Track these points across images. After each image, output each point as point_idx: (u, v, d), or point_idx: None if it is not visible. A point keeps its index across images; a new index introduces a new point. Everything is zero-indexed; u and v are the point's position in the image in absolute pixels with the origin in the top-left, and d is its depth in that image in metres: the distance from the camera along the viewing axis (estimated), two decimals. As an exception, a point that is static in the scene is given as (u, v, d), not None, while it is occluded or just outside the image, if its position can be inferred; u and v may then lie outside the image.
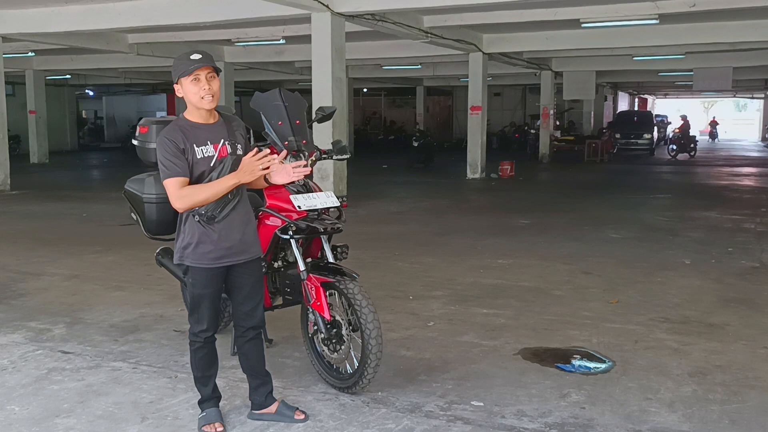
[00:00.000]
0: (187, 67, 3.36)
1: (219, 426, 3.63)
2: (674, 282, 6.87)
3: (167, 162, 3.36)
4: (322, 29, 11.98)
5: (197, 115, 3.47)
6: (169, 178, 3.36)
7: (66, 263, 7.75)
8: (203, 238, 3.47)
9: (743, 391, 4.18)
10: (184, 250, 3.52)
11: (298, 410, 3.79)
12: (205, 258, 3.50)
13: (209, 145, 3.45)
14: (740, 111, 66.26)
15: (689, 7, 12.41)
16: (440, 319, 5.62)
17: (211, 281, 3.55)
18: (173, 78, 3.43)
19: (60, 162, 24.19)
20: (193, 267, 3.52)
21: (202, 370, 3.70)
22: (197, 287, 3.56)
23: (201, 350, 3.66)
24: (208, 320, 3.61)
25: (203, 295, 3.56)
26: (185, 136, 3.40)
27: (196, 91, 3.38)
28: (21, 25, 14.54)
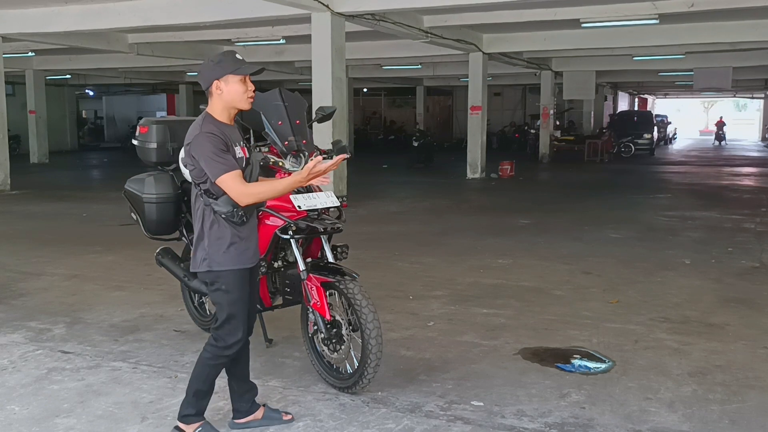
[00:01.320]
0: (239, 66, 3.33)
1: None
2: (674, 282, 6.87)
3: (218, 158, 3.21)
4: (322, 29, 11.98)
5: (225, 116, 3.38)
6: (226, 173, 3.21)
7: (66, 263, 7.75)
8: (235, 239, 3.37)
9: (743, 391, 4.18)
10: (214, 255, 3.35)
11: (285, 413, 3.76)
12: (241, 258, 3.40)
13: (238, 146, 3.41)
14: (740, 111, 66.28)
15: (689, 7, 12.41)
16: (440, 319, 5.62)
17: (243, 283, 3.44)
18: (217, 74, 3.32)
19: (60, 162, 24.19)
20: (228, 271, 3.36)
21: (211, 384, 3.54)
22: (234, 292, 3.39)
23: (224, 365, 3.52)
24: (245, 327, 3.48)
25: (240, 299, 3.42)
26: (224, 133, 3.32)
27: (244, 91, 3.34)
28: (21, 25, 14.54)
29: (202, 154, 3.24)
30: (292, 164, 4.24)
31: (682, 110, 64.77)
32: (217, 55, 3.42)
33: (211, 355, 3.48)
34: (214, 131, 3.27)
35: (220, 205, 3.32)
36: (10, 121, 16.26)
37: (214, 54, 3.45)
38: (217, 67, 3.33)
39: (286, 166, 4.23)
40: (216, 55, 3.41)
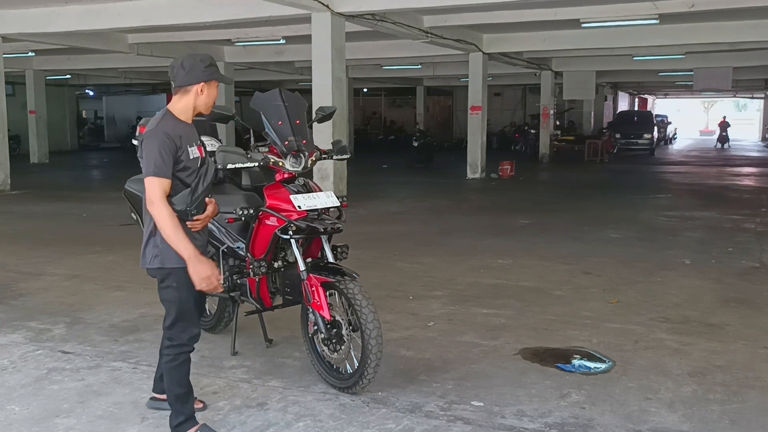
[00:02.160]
0: (222, 75, 3.47)
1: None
2: (674, 282, 6.87)
3: (159, 160, 3.25)
4: (322, 29, 11.98)
5: (186, 115, 3.45)
6: (157, 177, 3.25)
7: (66, 263, 7.76)
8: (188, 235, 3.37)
9: (743, 391, 4.18)
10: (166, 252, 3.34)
11: (197, 400, 3.79)
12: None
13: (195, 146, 3.45)
14: (740, 111, 66.27)
15: (689, 7, 12.41)
16: (440, 319, 5.62)
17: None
18: (205, 77, 3.38)
19: (60, 162, 24.19)
20: (179, 268, 3.34)
21: (188, 385, 3.55)
22: (184, 290, 3.39)
23: (186, 363, 3.53)
24: (198, 322, 3.56)
25: (190, 297, 3.44)
26: (179, 133, 3.35)
27: (215, 97, 3.47)
28: (21, 25, 14.54)
29: (149, 150, 3.27)
30: (292, 164, 4.24)
31: (682, 110, 64.76)
32: (205, 56, 3.46)
33: (172, 357, 3.49)
34: (169, 133, 3.30)
35: (174, 203, 3.32)
36: (10, 121, 16.25)
37: (200, 55, 3.47)
38: (207, 70, 3.40)
39: (286, 166, 4.24)
40: (204, 57, 3.45)
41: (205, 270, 3.29)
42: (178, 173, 3.34)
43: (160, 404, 3.82)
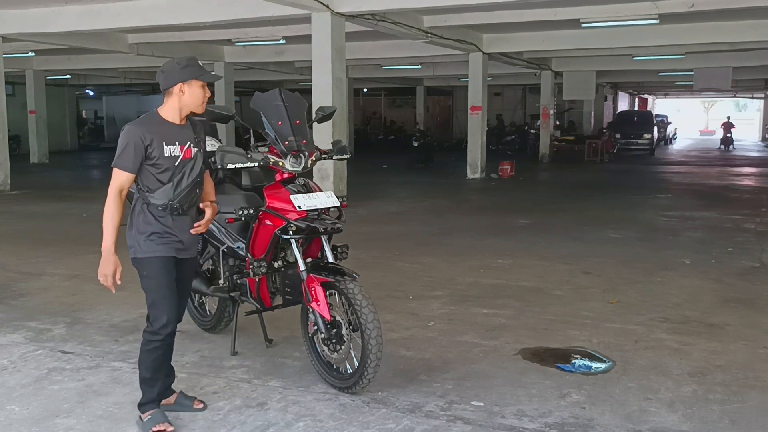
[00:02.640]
0: (204, 72, 3.55)
1: (169, 426, 3.63)
2: (674, 282, 6.87)
3: (126, 152, 3.46)
4: (322, 29, 11.98)
5: (174, 116, 3.60)
6: (121, 169, 3.48)
7: (66, 263, 7.75)
8: (158, 229, 3.59)
9: (743, 391, 4.18)
10: (138, 243, 3.60)
11: (196, 399, 3.88)
12: (162, 247, 3.60)
13: (176, 145, 3.57)
14: (740, 111, 66.23)
15: (689, 7, 12.41)
16: (440, 319, 5.62)
17: (166, 270, 3.63)
18: (183, 77, 3.52)
19: (60, 162, 24.19)
20: (149, 258, 3.58)
21: (154, 371, 3.66)
22: (155, 278, 3.60)
23: (158, 350, 3.64)
24: (169, 312, 3.61)
25: (162, 286, 3.61)
26: (155, 132, 3.51)
27: (202, 96, 3.57)
28: (21, 25, 14.54)
29: (122, 141, 3.48)
30: (292, 164, 4.24)
31: (682, 110, 64.76)
32: (182, 58, 3.61)
33: (145, 341, 3.67)
34: (140, 127, 3.49)
35: (156, 198, 3.54)
36: (10, 121, 16.25)
37: (179, 57, 3.63)
38: (183, 71, 3.53)
39: (287, 166, 4.24)
40: (181, 59, 3.60)
41: (107, 267, 3.55)
42: (149, 167, 3.52)
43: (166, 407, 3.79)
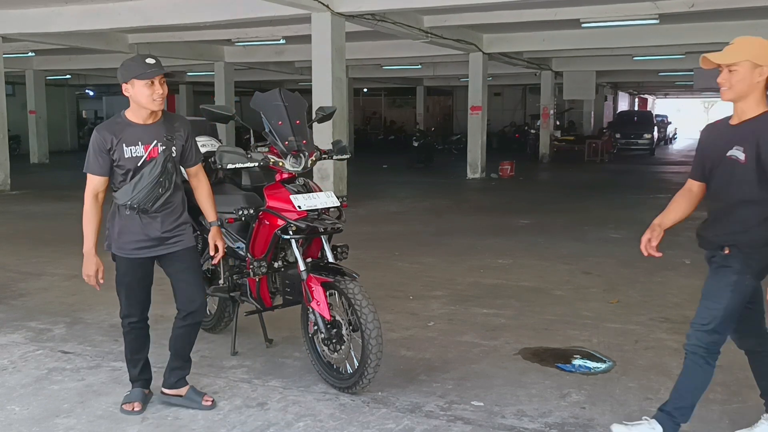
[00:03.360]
0: (144, 71, 3.56)
1: (138, 405, 3.83)
2: (674, 282, 6.87)
3: (92, 158, 3.64)
4: (322, 29, 11.98)
5: (137, 115, 3.67)
6: (89, 174, 3.65)
7: (66, 263, 7.75)
8: (125, 229, 3.72)
9: (743, 391, 4.18)
10: (111, 239, 3.75)
11: (206, 396, 3.94)
12: (126, 248, 3.71)
13: (140, 146, 3.64)
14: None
15: (689, 7, 12.41)
16: (440, 319, 5.62)
17: (131, 270, 3.75)
18: (123, 78, 3.61)
19: (60, 162, 24.18)
20: (117, 255, 3.76)
21: (131, 353, 3.94)
22: (120, 275, 3.79)
23: (129, 334, 3.87)
24: (129, 307, 3.81)
25: (124, 283, 3.80)
26: (116, 134, 3.61)
27: (149, 94, 3.59)
28: (21, 25, 14.55)
29: (89, 147, 3.67)
30: (292, 164, 4.24)
31: (682, 110, 64.70)
32: (129, 58, 3.72)
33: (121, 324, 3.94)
34: (101, 132, 3.62)
35: (118, 198, 3.69)
36: (10, 121, 16.26)
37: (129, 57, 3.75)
38: (125, 71, 3.61)
39: (287, 166, 4.24)
40: (128, 59, 3.70)
41: (89, 268, 3.69)
42: (115, 168, 3.66)
43: (170, 399, 3.93)
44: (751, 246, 3.20)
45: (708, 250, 3.38)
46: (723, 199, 3.27)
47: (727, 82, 3.21)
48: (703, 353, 3.31)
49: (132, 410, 3.82)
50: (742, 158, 3.14)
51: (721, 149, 3.24)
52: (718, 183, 3.28)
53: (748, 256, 3.21)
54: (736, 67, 3.17)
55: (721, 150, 3.25)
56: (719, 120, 3.43)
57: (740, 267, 3.22)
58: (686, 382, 3.36)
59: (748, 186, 3.15)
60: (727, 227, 3.24)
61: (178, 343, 3.94)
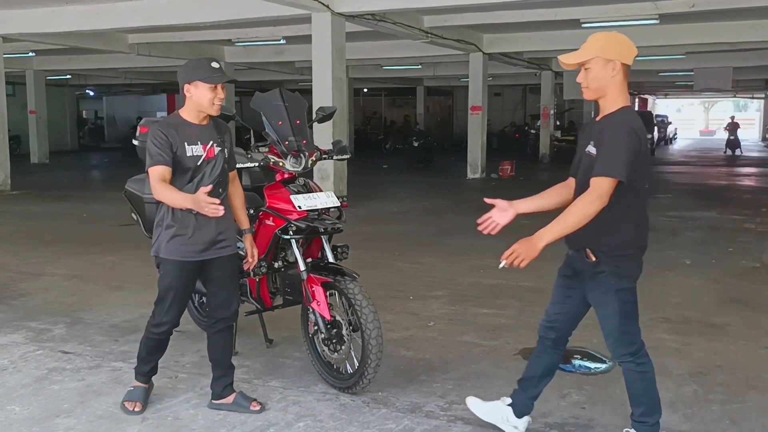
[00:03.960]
0: (210, 74, 3.55)
1: (139, 406, 3.82)
2: (675, 282, 6.87)
3: (154, 151, 3.54)
4: (322, 29, 11.98)
5: (194, 116, 3.65)
6: (154, 166, 3.54)
7: (66, 263, 7.75)
8: (179, 232, 3.62)
9: (744, 391, 4.18)
10: (161, 243, 3.67)
11: (254, 401, 3.90)
12: (180, 251, 3.63)
13: (199, 145, 3.62)
14: (740, 111, 66.22)
15: (689, 7, 12.41)
16: (440, 319, 5.61)
17: (182, 274, 3.68)
18: (188, 78, 3.57)
19: (60, 162, 24.19)
20: (168, 260, 3.66)
21: (148, 354, 3.90)
22: (168, 279, 3.69)
23: (153, 340, 3.83)
24: (169, 314, 3.74)
25: (173, 288, 3.70)
26: (177, 132, 3.58)
27: (211, 98, 3.58)
28: (21, 25, 14.54)
29: (147, 145, 3.60)
30: (293, 164, 4.24)
31: (682, 110, 64.73)
32: (194, 60, 3.69)
33: (146, 329, 3.86)
34: (163, 128, 3.58)
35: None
36: (11, 122, 16.25)
37: (193, 59, 3.72)
38: (189, 72, 3.59)
39: (287, 166, 4.24)
40: (193, 60, 3.68)
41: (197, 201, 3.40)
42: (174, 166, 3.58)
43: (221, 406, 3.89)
44: (614, 248, 3.17)
45: (573, 250, 3.35)
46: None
47: (584, 81, 3.18)
48: (629, 359, 3.29)
49: (133, 410, 3.81)
50: (594, 152, 3.11)
51: (584, 144, 3.22)
52: (580, 180, 3.24)
53: (616, 259, 3.18)
54: (589, 65, 3.15)
55: (584, 145, 3.23)
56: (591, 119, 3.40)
57: (611, 270, 3.20)
58: (632, 389, 3.34)
59: None
60: (590, 227, 3.10)
61: (217, 351, 3.91)
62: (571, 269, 3.41)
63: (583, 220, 3.04)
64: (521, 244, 3.09)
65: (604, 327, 3.31)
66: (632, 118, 3.20)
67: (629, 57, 3.18)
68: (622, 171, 2.99)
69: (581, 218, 3.03)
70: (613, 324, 3.28)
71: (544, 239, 3.08)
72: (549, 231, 3.07)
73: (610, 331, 3.29)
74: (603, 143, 3.04)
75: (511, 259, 3.11)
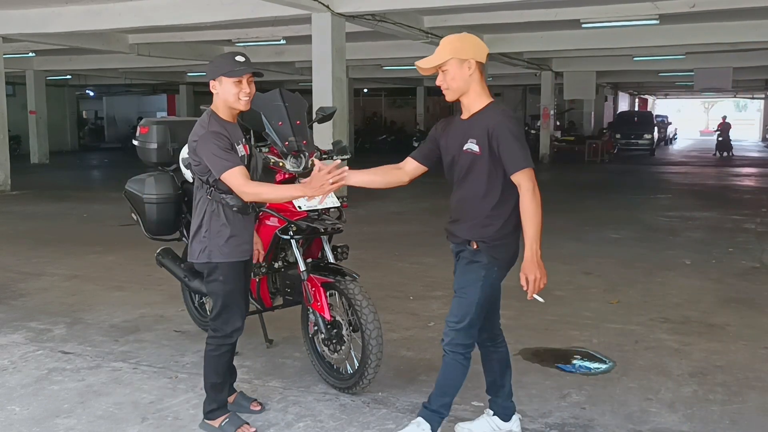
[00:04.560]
0: (233, 68, 3.43)
1: (250, 428, 3.64)
2: (675, 282, 6.87)
3: (223, 154, 3.34)
4: (322, 29, 11.99)
5: (228, 114, 3.52)
6: (230, 169, 3.33)
7: (66, 263, 7.75)
8: (234, 232, 3.50)
9: (744, 392, 4.18)
10: (213, 247, 3.48)
11: (255, 401, 3.89)
12: (238, 251, 3.53)
13: (240, 144, 3.55)
14: (740, 111, 66.24)
15: (689, 7, 12.41)
16: (440, 320, 5.58)
17: (240, 275, 3.59)
18: (212, 74, 3.46)
19: (60, 162, 24.19)
20: (226, 263, 3.49)
21: (224, 376, 3.69)
22: (230, 283, 3.53)
23: (227, 354, 3.66)
24: (238, 318, 3.62)
25: (236, 290, 3.58)
26: (227, 132, 3.46)
27: (236, 92, 3.44)
28: (21, 26, 14.54)
29: (207, 152, 3.37)
30: (293, 165, 4.24)
31: (682, 111, 64.74)
32: (220, 55, 3.56)
33: (214, 347, 3.64)
34: (219, 130, 3.41)
35: (233, 199, 3.46)
36: (11, 122, 16.26)
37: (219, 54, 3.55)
38: (214, 68, 3.48)
39: (287, 167, 4.24)
40: (219, 56, 3.56)
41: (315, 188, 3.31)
42: None
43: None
44: (494, 239, 3.26)
45: (455, 244, 3.42)
46: (465, 194, 3.32)
47: (444, 83, 3.26)
48: (461, 350, 3.32)
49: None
50: (477, 150, 3.21)
51: (459, 143, 3.30)
52: (458, 177, 3.33)
53: (494, 249, 3.27)
54: (445, 67, 3.23)
55: (458, 144, 3.30)
56: (452, 117, 3.49)
57: (488, 261, 3.27)
58: (446, 379, 3.38)
59: (485, 178, 3.22)
60: (473, 220, 3.28)
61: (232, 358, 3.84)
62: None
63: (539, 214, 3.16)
64: (531, 270, 3.16)
65: (455, 314, 3.32)
66: (510, 111, 3.36)
67: (482, 55, 3.26)
68: (530, 159, 3.20)
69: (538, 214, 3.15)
70: (466, 312, 3.29)
71: (537, 250, 3.17)
72: (532, 244, 3.16)
73: (460, 318, 3.30)
74: (504, 139, 3.15)
75: (535, 286, 3.18)
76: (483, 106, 3.27)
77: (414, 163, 3.54)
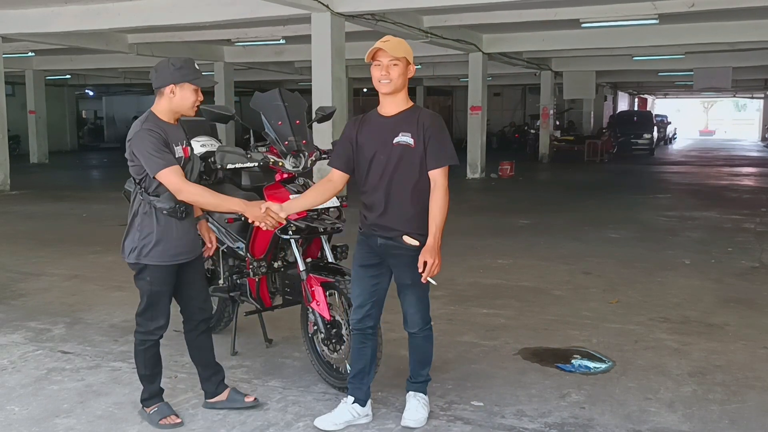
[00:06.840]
0: (198, 76, 3.53)
1: (176, 418, 3.72)
2: (674, 282, 6.87)
3: (158, 153, 3.41)
4: (322, 29, 11.98)
5: (170, 116, 3.59)
6: (164, 168, 3.41)
7: (66, 263, 7.75)
8: (165, 236, 3.56)
9: (743, 391, 4.18)
10: (142, 249, 3.56)
11: (248, 395, 3.93)
12: (165, 255, 3.58)
13: (179, 146, 3.59)
14: (740, 111, 66.27)
15: (689, 7, 12.41)
16: (440, 319, 5.60)
17: (168, 278, 3.65)
18: (175, 79, 3.49)
19: (60, 162, 24.19)
20: (154, 266, 3.57)
21: (152, 368, 3.78)
22: (157, 285, 3.62)
23: (152, 349, 3.75)
24: (162, 317, 3.70)
25: (161, 293, 3.65)
26: (165, 132, 3.51)
27: (194, 99, 3.56)
28: (21, 25, 14.54)
29: (142, 150, 3.43)
30: (292, 164, 4.24)
31: (681, 110, 64.76)
32: (178, 59, 3.57)
33: (138, 341, 3.75)
34: (154, 128, 3.47)
35: (162, 202, 3.52)
36: (10, 122, 16.26)
37: (175, 57, 3.60)
38: (177, 72, 3.51)
39: (286, 166, 4.24)
40: (177, 59, 3.57)
41: (255, 212, 3.55)
42: None
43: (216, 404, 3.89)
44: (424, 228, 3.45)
45: (385, 238, 3.55)
46: (394, 186, 3.47)
47: (388, 75, 3.46)
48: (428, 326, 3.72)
49: (173, 423, 3.68)
50: (412, 142, 3.44)
51: (385, 139, 3.48)
52: (384, 171, 3.49)
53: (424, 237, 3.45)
54: (398, 62, 3.46)
55: (384, 139, 3.48)
56: (365, 115, 3.64)
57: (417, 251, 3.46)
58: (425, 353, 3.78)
59: (418, 169, 3.45)
60: (407, 213, 3.49)
61: (203, 352, 3.88)
62: (376, 257, 3.63)
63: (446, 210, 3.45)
64: (431, 256, 3.39)
65: (415, 304, 3.63)
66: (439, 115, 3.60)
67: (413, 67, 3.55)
68: (455, 156, 3.52)
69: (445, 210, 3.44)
70: (424, 298, 3.64)
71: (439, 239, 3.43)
72: (436, 233, 3.41)
73: (422, 306, 3.64)
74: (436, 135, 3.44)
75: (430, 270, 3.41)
76: (409, 105, 3.54)
77: (338, 173, 3.68)
